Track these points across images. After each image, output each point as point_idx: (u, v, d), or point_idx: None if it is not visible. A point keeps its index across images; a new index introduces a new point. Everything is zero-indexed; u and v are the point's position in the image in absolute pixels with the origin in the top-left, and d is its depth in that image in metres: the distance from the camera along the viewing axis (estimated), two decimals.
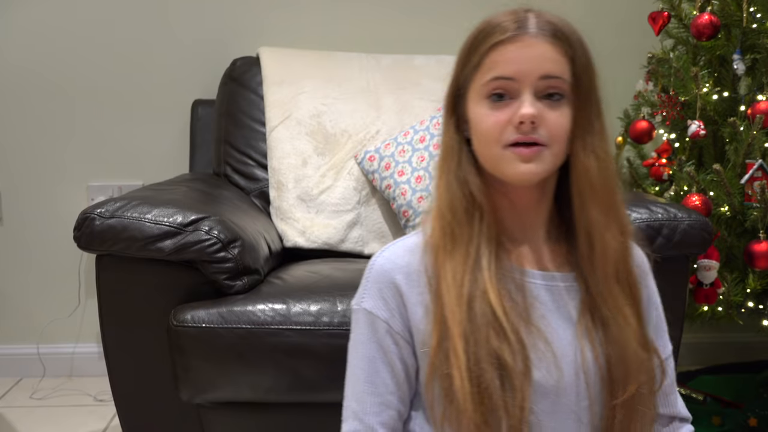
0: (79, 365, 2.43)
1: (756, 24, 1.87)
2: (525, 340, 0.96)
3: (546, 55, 0.96)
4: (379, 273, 1.02)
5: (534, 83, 0.95)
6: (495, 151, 0.96)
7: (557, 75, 0.96)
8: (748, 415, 1.93)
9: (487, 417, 0.94)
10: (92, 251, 1.51)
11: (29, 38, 2.34)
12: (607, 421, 1.00)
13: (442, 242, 1.00)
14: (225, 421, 1.55)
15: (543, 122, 0.95)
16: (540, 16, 0.98)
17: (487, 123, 0.96)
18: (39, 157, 2.38)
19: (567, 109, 0.97)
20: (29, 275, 2.41)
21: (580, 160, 0.98)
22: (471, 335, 0.95)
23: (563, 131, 0.96)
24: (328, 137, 2.04)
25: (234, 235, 1.51)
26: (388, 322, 1.01)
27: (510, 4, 1.01)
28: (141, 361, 1.54)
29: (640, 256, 1.10)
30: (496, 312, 0.95)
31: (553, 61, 0.96)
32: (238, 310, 1.47)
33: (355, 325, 1.04)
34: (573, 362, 0.99)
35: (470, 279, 0.97)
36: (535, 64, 0.95)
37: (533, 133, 0.94)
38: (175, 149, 2.37)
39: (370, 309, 1.02)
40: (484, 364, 0.94)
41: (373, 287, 1.03)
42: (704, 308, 1.87)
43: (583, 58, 0.99)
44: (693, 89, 1.87)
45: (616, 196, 1.00)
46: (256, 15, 2.37)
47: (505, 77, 0.95)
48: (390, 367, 1.02)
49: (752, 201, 1.77)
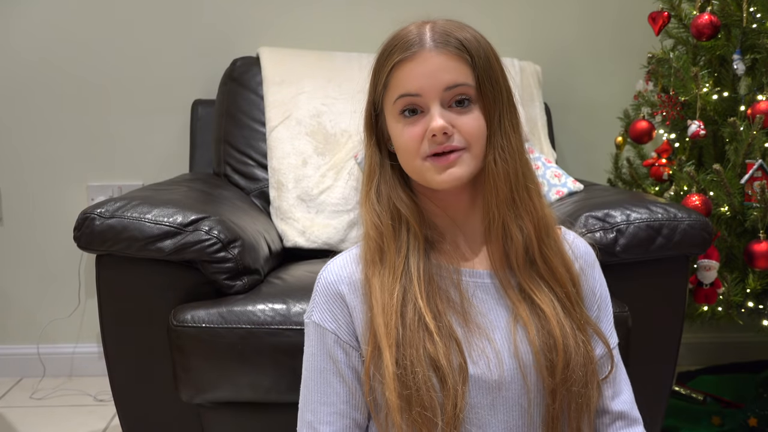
0: (79, 365, 2.43)
1: (756, 24, 1.87)
2: (461, 340, 0.99)
3: (445, 66, 0.99)
4: (325, 285, 1.07)
5: (440, 95, 0.99)
6: (416, 163, 1.01)
7: (460, 83, 0.99)
8: (748, 415, 1.93)
9: (416, 424, 0.97)
10: (92, 251, 1.51)
11: (29, 39, 2.34)
12: (547, 408, 1.02)
13: (370, 258, 1.04)
14: (225, 421, 1.55)
15: (456, 128, 0.99)
16: (435, 28, 1.02)
17: (404, 138, 1.01)
18: (39, 157, 2.38)
19: (478, 111, 1.01)
20: (29, 275, 2.41)
21: (487, 158, 1.02)
22: (404, 343, 0.98)
23: (478, 132, 1.00)
24: (328, 137, 2.04)
25: (234, 235, 1.51)
26: (336, 332, 1.05)
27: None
28: (141, 361, 1.54)
29: (582, 248, 1.12)
30: (425, 317, 0.99)
31: (452, 71, 0.99)
32: (238, 310, 1.47)
33: (306, 338, 1.09)
34: (514, 355, 1.01)
35: (400, 289, 1.01)
36: (435, 77, 0.99)
37: (448, 142, 0.99)
38: (175, 149, 2.37)
39: (319, 321, 1.06)
40: (418, 368, 0.97)
41: (320, 300, 1.07)
42: (704, 308, 1.87)
43: (483, 60, 1.01)
44: (693, 89, 1.87)
45: (524, 189, 1.03)
46: (256, 15, 2.37)
47: (411, 94, 1.00)
48: (341, 377, 1.05)
49: (752, 201, 1.77)
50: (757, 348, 2.38)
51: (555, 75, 2.42)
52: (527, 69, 2.26)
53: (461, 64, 1.00)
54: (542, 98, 2.28)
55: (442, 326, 0.99)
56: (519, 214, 1.03)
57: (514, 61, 2.23)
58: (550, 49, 2.43)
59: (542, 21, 2.42)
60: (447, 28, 1.02)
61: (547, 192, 1.94)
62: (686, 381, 2.20)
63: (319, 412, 1.05)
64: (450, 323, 1.00)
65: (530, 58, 2.31)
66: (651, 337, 1.58)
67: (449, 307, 1.02)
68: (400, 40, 1.02)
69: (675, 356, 1.63)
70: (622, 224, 1.52)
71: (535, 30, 2.43)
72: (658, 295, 1.59)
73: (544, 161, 2.03)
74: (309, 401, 1.07)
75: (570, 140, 2.46)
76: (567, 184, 1.96)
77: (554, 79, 2.41)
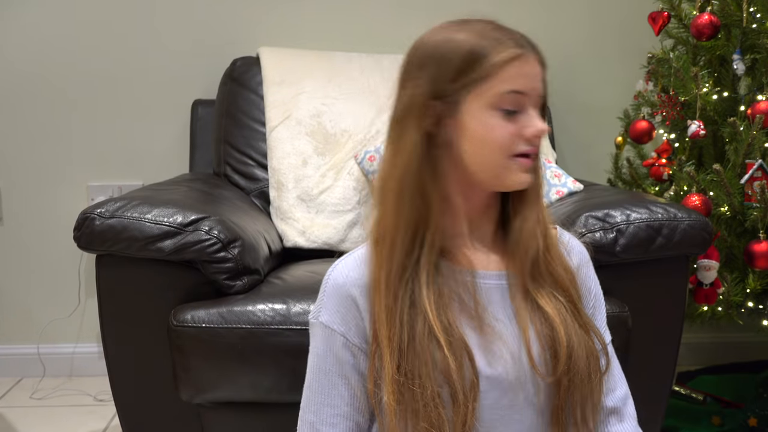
0: (79, 365, 2.43)
1: (756, 24, 1.87)
2: (473, 351, 0.99)
3: (542, 74, 1.05)
4: (334, 287, 1.05)
5: (537, 100, 1.03)
6: (500, 160, 1.00)
7: (546, 94, 1.06)
8: (748, 415, 1.93)
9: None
10: (92, 251, 1.51)
11: (29, 39, 2.34)
12: (552, 399, 1.03)
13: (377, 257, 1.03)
14: (225, 421, 1.55)
15: None
16: (522, 35, 1.05)
17: (497, 133, 1.00)
18: (39, 157, 2.38)
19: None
20: (29, 275, 2.41)
21: None
22: (410, 354, 0.98)
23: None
24: (328, 137, 2.04)
25: (234, 235, 1.51)
26: (345, 335, 1.04)
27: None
28: (141, 361, 1.54)
29: (577, 247, 1.14)
30: (435, 331, 0.98)
31: (543, 81, 1.05)
32: (239, 310, 1.47)
33: (312, 339, 1.07)
34: (527, 355, 1.02)
35: (407, 293, 1.00)
36: (539, 82, 1.03)
37: (538, 146, 1.03)
38: (175, 149, 2.37)
39: (327, 323, 1.05)
40: (427, 383, 0.97)
41: (329, 301, 1.05)
42: (704, 308, 1.87)
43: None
44: (693, 89, 1.87)
45: (541, 198, 1.07)
46: (256, 15, 2.37)
47: (522, 92, 1.01)
48: (346, 379, 1.04)
49: (752, 201, 1.77)
50: (757, 348, 2.38)
51: (555, 75, 2.41)
52: None
53: (544, 76, 1.05)
54: None
55: (454, 340, 0.98)
56: (537, 224, 1.05)
57: None
58: (550, 49, 2.41)
59: (543, 22, 2.42)
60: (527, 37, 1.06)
61: (547, 192, 1.94)
62: (686, 381, 2.20)
63: (322, 413, 1.05)
64: (462, 335, 0.99)
65: None
66: (651, 337, 1.58)
67: (462, 313, 1.01)
68: (504, 36, 1.02)
69: (675, 356, 1.63)
70: (622, 224, 1.52)
71: (536, 30, 2.41)
72: (658, 295, 1.59)
73: (544, 161, 2.03)
74: (312, 402, 1.06)
75: (570, 140, 2.46)
76: (567, 184, 1.96)
77: (554, 79, 2.40)
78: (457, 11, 1.08)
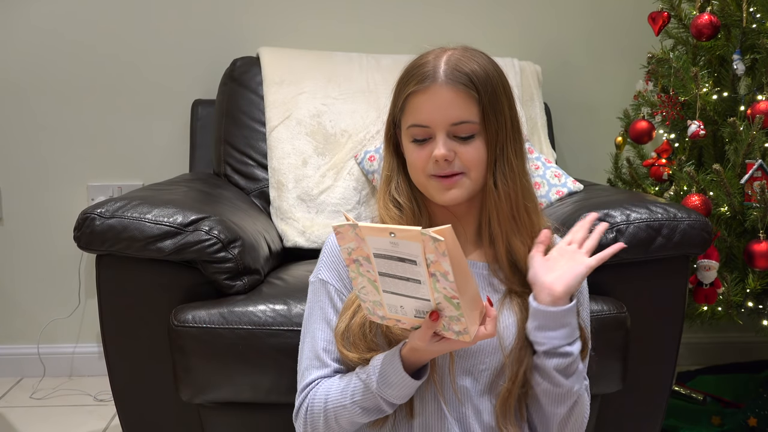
0: (79, 365, 2.43)
1: (756, 24, 1.87)
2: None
3: (454, 102, 1.10)
4: (333, 248, 1.19)
5: (446, 128, 1.11)
6: (422, 179, 1.15)
7: (464, 120, 1.10)
8: (748, 415, 1.93)
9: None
10: (92, 251, 1.51)
11: (29, 38, 2.34)
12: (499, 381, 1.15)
13: None
14: (225, 421, 1.55)
15: (458, 156, 1.11)
16: (449, 61, 1.11)
17: (413, 158, 1.14)
18: (39, 157, 2.38)
19: (480, 142, 1.12)
20: (29, 275, 2.41)
21: (489, 181, 1.14)
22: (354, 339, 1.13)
23: (478, 160, 1.12)
24: (328, 137, 2.04)
25: (234, 235, 1.51)
26: (340, 290, 1.17)
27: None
28: (141, 361, 1.54)
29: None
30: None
31: (460, 108, 1.10)
32: (239, 310, 1.47)
33: (310, 296, 1.20)
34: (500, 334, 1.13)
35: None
36: (444, 112, 1.10)
37: (449, 168, 1.11)
38: (175, 149, 2.37)
39: (325, 279, 1.19)
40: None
41: (327, 261, 1.19)
42: (704, 308, 1.87)
43: (490, 95, 1.11)
44: (693, 89, 1.88)
45: (523, 208, 1.16)
46: (256, 15, 2.37)
47: (421, 125, 1.12)
48: (327, 321, 1.17)
49: (752, 201, 1.77)
50: (757, 348, 2.38)
51: (555, 75, 2.42)
52: (527, 69, 2.26)
53: (468, 101, 1.10)
54: (542, 98, 2.28)
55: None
56: (519, 230, 1.15)
57: (514, 61, 2.23)
58: (550, 49, 2.43)
59: (542, 21, 2.42)
60: (460, 61, 1.11)
61: (547, 192, 1.94)
62: (686, 381, 2.20)
63: (329, 351, 1.16)
64: None
65: (530, 58, 2.31)
66: (651, 337, 1.58)
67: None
68: (417, 71, 1.12)
69: (675, 356, 1.63)
70: (622, 224, 1.52)
71: (535, 30, 2.43)
72: (658, 295, 1.59)
73: (544, 161, 2.03)
74: (315, 347, 1.16)
75: (570, 140, 2.46)
76: (567, 184, 1.96)
77: (554, 79, 2.41)
78: (457, 11, 1.09)
